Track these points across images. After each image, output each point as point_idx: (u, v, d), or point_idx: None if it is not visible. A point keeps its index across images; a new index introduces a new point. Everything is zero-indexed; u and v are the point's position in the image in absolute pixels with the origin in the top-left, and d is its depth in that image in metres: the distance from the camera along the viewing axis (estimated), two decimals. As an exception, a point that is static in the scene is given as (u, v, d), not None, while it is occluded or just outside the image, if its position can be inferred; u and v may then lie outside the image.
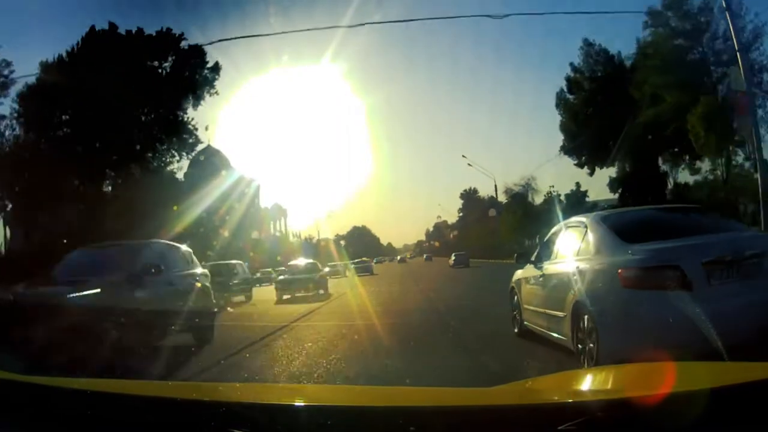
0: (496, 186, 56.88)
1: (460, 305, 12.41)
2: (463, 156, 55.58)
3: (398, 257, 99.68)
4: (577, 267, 5.07)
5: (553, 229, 6.63)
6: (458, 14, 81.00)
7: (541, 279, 6.25)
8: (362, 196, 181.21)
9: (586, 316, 4.68)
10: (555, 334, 5.60)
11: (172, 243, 9.55)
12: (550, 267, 6.02)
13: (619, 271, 4.36)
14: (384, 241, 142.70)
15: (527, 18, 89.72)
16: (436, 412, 1.35)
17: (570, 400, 1.33)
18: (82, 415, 1.51)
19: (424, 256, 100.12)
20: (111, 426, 1.47)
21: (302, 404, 1.52)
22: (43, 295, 6.35)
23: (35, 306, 5.85)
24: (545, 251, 6.43)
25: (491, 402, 1.44)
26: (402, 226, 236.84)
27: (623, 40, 64.90)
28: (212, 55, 38.47)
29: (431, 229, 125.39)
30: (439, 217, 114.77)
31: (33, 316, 5.54)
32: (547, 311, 5.80)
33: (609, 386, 1.61)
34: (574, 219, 6.07)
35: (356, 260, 54.40)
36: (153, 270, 7.08)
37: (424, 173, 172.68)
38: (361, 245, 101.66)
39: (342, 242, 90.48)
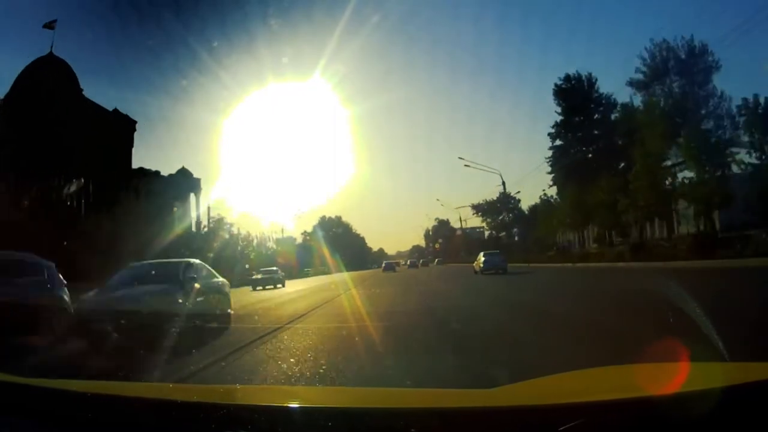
0: (504, 183, 45.08)
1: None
2: (460, 158, 39.82)
3: (384, 263, 61.80)
4: None
5: None
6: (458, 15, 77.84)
7: None
8: (353, 202, 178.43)
9: None
10: None
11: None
12: None
13: None
14: (375, 247, 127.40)
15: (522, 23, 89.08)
16: (437, 414, 1.35)
17: (571, 401, 1.33)
18: (84, 417, 1.52)
19: (421, 260, 76.32)
20: (112, 428, 1.48)
21: (303, 406, 1.52)
22: None
23: None
24: None
25: (492, 403, 1.44)
26: (398, 234, 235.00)
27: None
28: (209, 63, 35.80)
29: (431, 230, 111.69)
30: (437, 219, 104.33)
31: None
32: None
33: (610, 387, 1.60)
34: None
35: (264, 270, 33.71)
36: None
37: (418, 181, 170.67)
38: (338, 246, 73.48)
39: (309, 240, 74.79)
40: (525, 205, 75.46)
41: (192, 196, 54.55)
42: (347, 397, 1.98)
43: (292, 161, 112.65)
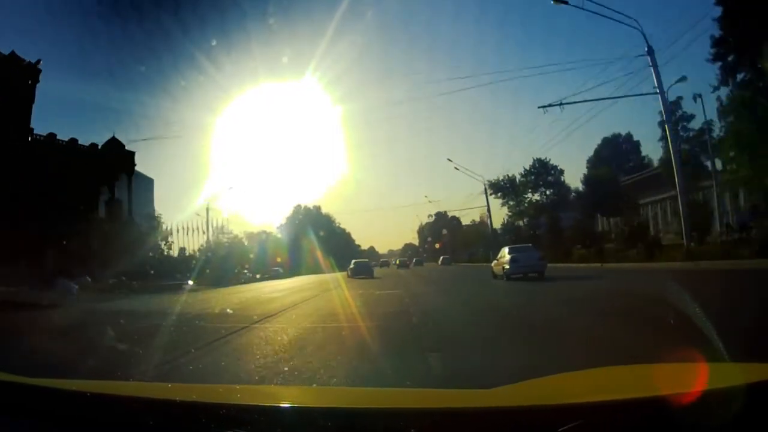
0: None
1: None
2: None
3: (353, 262, 38.52)
4: None
5: None
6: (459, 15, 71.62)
7: None
8: (343, 200, 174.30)
9: None
10: None
11: None
12: None
13: None
14: (366, 245, 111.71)
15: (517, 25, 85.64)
16: (437, 414, 1.35)
17: (570, 402, 1.34)
18: (83, 417, 1.52)
19: (414, 260, 67.94)
20: (112, 427, 1.48)
21: (302, 406, 1.53)
22: None
23: None
24: None
25: (491, 403, 1.44)
26: (392, 233, 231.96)
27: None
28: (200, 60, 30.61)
29: (425, 226, 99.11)
30: (430, 216, 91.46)
31: None
32: None
33: (610, 387, 1.61)
34: None
35: None
36: None
37: (415, 179, 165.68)
38: (317, 242, 59.43)
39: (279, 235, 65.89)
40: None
41: (124, 176, 40.37)
42: (347, 397, 1.98)
43: (282, 160, 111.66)
